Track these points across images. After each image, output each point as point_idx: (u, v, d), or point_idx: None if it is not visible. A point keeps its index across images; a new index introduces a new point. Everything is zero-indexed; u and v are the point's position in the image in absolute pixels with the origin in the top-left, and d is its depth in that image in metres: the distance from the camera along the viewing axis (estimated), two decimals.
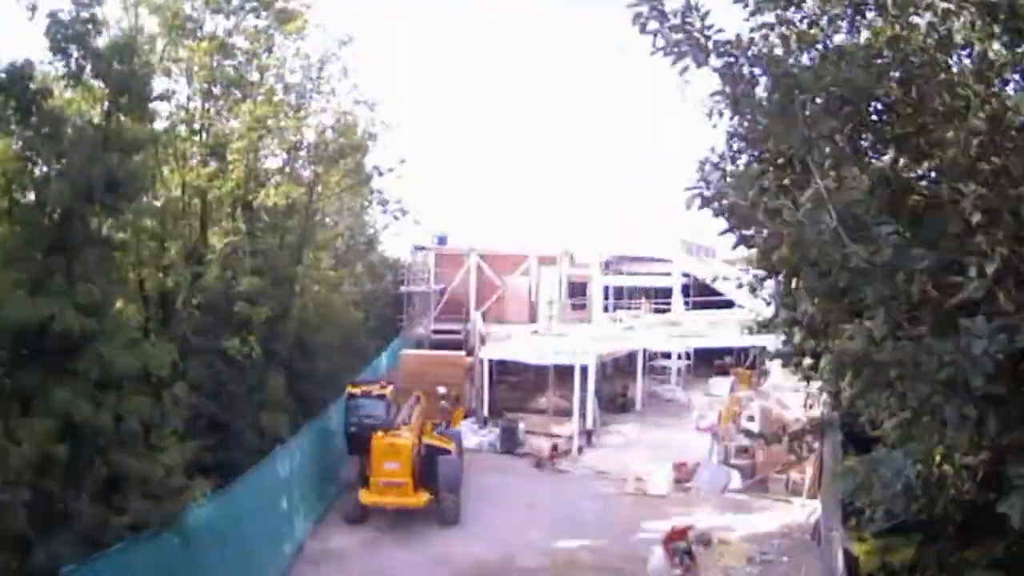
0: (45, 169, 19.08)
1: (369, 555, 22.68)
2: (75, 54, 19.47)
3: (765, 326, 8.16)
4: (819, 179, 5.12)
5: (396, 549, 23.00)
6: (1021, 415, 5.27)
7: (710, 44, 6.29)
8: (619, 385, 39.35)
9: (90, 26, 19.39)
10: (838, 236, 4.78)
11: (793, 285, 6.50)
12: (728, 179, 6.64)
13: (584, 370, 32.68)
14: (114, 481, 18.66)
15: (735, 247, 6.07)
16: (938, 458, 5.55)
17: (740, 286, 8.28)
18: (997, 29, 5.83)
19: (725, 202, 5.63)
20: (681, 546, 21.42)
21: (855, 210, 5.04)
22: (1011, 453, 5.21)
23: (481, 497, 26.78)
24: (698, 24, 6.30)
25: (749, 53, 6.29)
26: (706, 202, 5.60)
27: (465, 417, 32.63)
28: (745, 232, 5.52)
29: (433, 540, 23.76)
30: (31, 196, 19.39)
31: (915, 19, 6.18)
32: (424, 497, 24.43)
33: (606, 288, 45.17)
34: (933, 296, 5.19)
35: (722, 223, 5.79)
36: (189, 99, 26.84)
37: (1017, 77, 6.15)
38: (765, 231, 5.28)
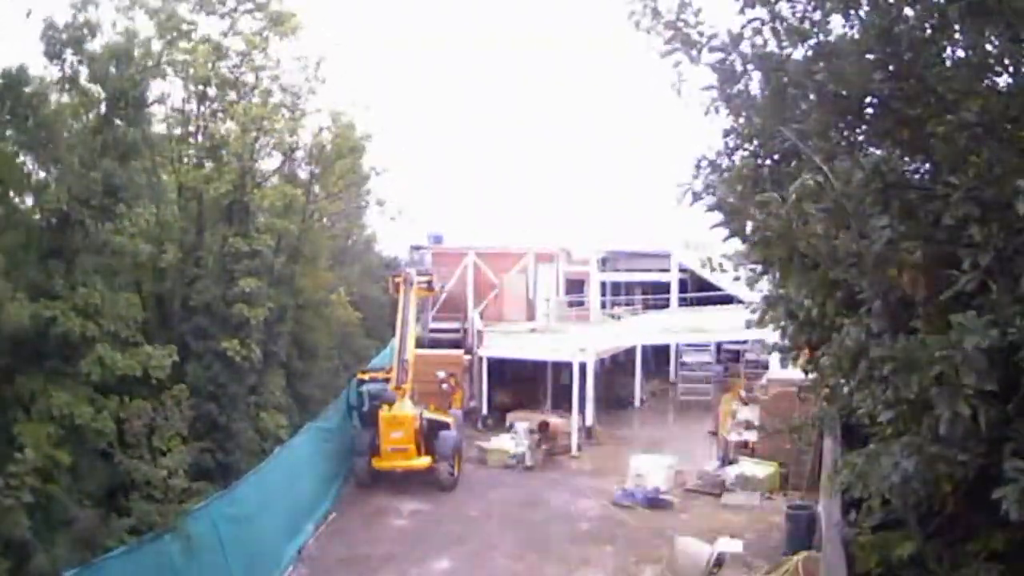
0: (43, 174, 19.14)
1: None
2: (70, 59, 19.50)
3: (761, 320, 8.17)
4: (812, 173, 5.15)
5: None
6: (1016, 410, 5.30)
7: (703, 40, 6.33)
8: (618, 382, 39.37)
9: (85, 31, 19.42)
10: (827, 229, 4.82)
11: (786, 279, 6.53)
12: (723, 175, 6.67)
13: (583, 367, 32.71)
14: (117, 484, 18.73)
15: (726, 240, 6.09)
16: (934, 451, 5.57)
17: (737, 279, 8.29)
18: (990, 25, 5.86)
19: (716, 196, 5.67)
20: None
21: (846, 203, 5.08)
22: (1006, 446, 5.23)
23: (487, 489, 27.00)
24: (691, 20, 6.34)
25: (741, 48, 6.32)
26: (697, 197, 5.63)
27: (465, 416, 32.67)
28: (736, 226, 5.54)
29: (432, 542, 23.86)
30: (30, 201, 19.44)
31: (907, 11, 6.19)
32: (426, 460, 27.33)
33: (604, 284, 45.16)
34: (926, 290, 5.23)
35: (714, 217, 5.82)
36: (185, 101, 26.84)
37: (1011, 69, 6.17)
38: (752, 224, 5.31)
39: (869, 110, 6.62)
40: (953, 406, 4.86)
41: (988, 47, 6.02)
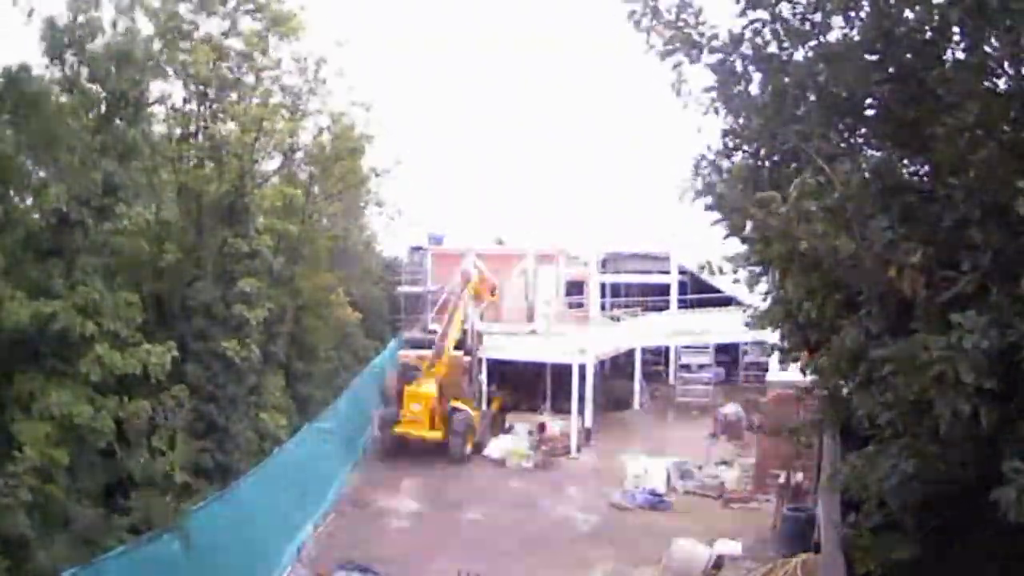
0: (43, 173, 19.17)
1: None
2: (71, 59, 19.54)
3: (761, 321, 8.17)
4: (812, 174, 5.15)
5: None
6: (1016, 410, 5.30)
7: (703, 40, 6.32)
8: (617, 384, 39.28)
9: (85, 31, 19.45)
10: (827, 229, 4.82)
11: (785, 279, 6.52)
12: (723, 175, 6.66)
13: (582, 369, 32.67)
14: (116, 483, 18.75)
15: (726, 238, 6.08)
16: (932, 450, 5.57)
17: (736, 281, 8.28)
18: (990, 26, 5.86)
19: (717, 192, 5.67)
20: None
21: (847, 204, 5.08)
22: (1005, 447, 5.23)
23: (486, 490, 27.10)
24: (692, 21, 6.34)
25: (742, 49, 6.32)
26: (698, 195, 5.63)
27: None
28: (736, 225, 5.54)
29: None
30: (30, 200, 19.47)
31: (908, 13, 6.18)
32: (439, 433, 30.19)
33: (603, 286, 45.12)
34: (925, 291, 5.22)
35: (714, 215, 5.81)
36: (185, 101, 26.87)
37: (1010, 71, 6.16)
38: (752, 223, 5.31)
39: (869, 111, 6.62)
40: (953, 405, 4.86)
41: (988, 49, 6.02)
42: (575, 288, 43.69)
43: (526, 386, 37.01)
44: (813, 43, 6.44)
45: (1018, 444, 5.26)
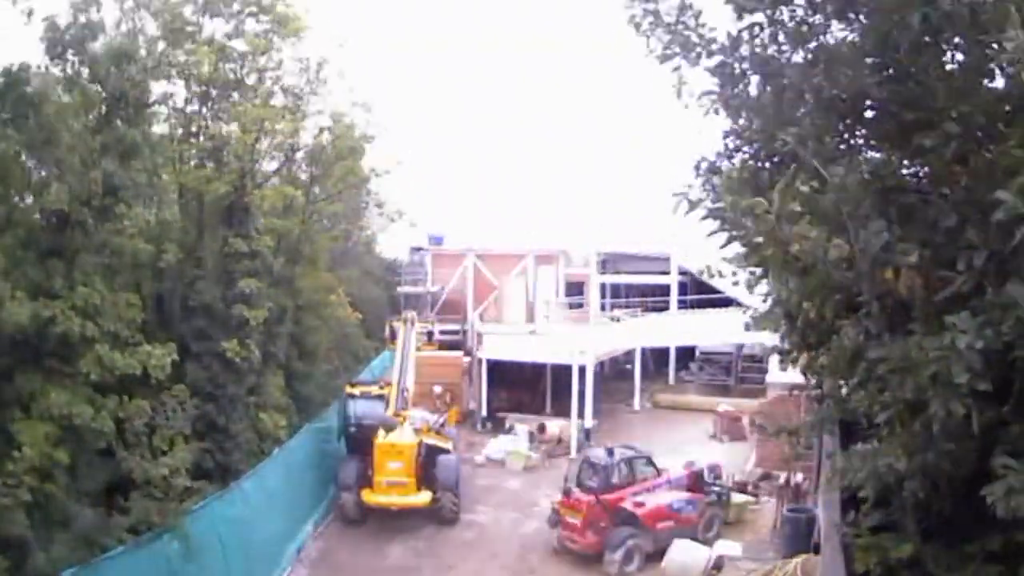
0: (44, 173, 19.18)
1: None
2: (71, 59, 19.54)
3: (762, 323, 8.17)
4: (807, 175, 5.17)
5: None
6: (1012, 410, 5.31)
7: (702, 43, 6.34)
8: (617, 385, 39.30)
9: (86, 31, 19.46)
10: (821, 233, 4.83)
11: (779, 281, 6.53)
12: (722, 179, 6.67)
13: (582, 370, 32.68)
14: (116, 483, 18.76)
15: (724, 246, 6.10)
16: (926, 449, 5.59)
17: (736, 283, 8.28)
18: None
19: (714, 200, 5.67)
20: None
21: (842, 207, 5.10)
22: (997, 445, 5.25)
23: (487, 489, 26.98)
24: (691, 24, 6.35)
25: (740, 52, 6.33)
26: (693, 206, 5.63)
27: (463, 418, 32.69)
28: (734, 231, 5.55)
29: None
30: (30, 200, 19.47)
31: (910, 19, 6.19)
32: (426, 497, 24.52)
33: (603, 286, 45.13)
34: (923, 292, 5.24)
35: (711, 224, 5.82)
36: (188, 102, 26.91)
37: (1009, 71, 6.17)
38: (744, 230, 5.32)
39: (869, 113, 6.63)
40: (947, 405, 4.88)
41: (987, 52, 6.03)
42: (575, 288, 43.71)
43: (526, 386, 37.03)
44: (811, 45, 6.45)
45: (1010, 443, 5.28)
